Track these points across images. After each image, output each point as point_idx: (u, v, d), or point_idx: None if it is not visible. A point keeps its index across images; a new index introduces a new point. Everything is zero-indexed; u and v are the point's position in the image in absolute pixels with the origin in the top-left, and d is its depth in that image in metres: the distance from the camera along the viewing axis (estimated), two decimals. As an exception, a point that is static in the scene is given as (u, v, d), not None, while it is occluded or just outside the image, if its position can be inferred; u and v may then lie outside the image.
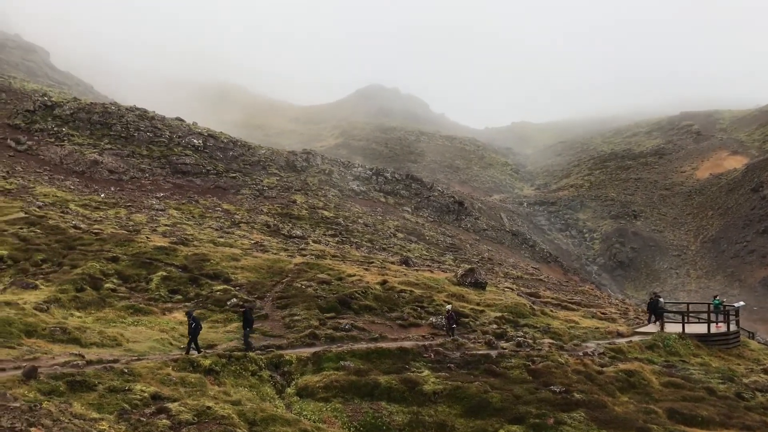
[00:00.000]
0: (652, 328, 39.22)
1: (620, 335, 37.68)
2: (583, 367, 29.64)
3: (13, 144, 70.71)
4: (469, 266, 50.90)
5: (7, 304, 27.59)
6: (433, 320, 35.48)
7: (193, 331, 26.11)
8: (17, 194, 54.16)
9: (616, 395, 27.47)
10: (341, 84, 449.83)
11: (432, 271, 49.66)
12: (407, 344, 30.49)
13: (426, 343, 31.04)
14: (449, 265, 61.55)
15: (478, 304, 39.96)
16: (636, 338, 36.70)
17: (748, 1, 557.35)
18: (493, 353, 30.23)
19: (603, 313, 47.34)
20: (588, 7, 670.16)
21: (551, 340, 34.16)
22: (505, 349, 31.34)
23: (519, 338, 33.39)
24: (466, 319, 36.60)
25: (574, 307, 49.61)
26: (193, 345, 26.29)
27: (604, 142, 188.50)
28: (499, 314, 38.28)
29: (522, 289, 54.60)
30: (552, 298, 52.40)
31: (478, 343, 32.29)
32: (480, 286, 44.70)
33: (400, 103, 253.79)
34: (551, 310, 44.26)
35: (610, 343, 34.91)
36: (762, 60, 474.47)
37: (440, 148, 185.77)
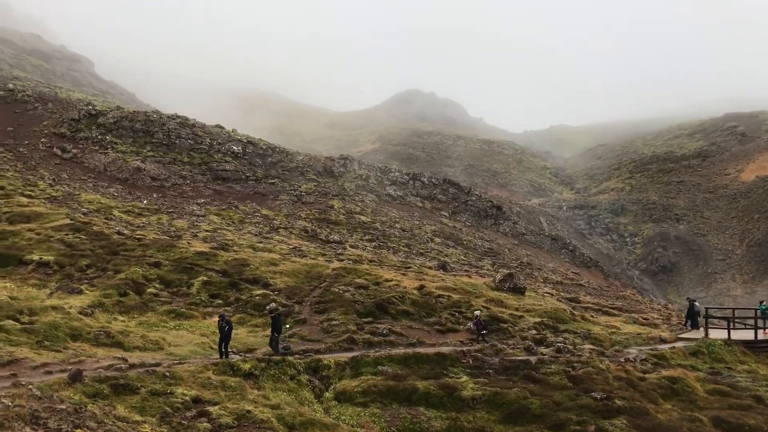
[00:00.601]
0: (696, 334, 38.38)
1: (663, 341, 36.94)
2: (624, 373, 29.15)
3: (59, 152, 72.63)
4: (508, 271, 50.47)
5: (54, 308, 28.28)
6: (471, 326, 35.26)
7: (225, 334, 26.20)
8: (63, 201, 55.57)
9: (659, 402, 26.93)
10: (378, 89, 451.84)
11: (470, 276, 49.39)
12: (445, 350, 30.38)
13: (464, 348, 30.88)
14: (487, 270, 61.14)
15: (516, 310, 39.60)
16: (679, 344, 35.95)
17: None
18: (533, 359, 29.92)
19: (645, 319, 46.47)
20: (626, 3, 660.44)
21: (592, 346, 33.67)
22: (545, 354, 30.99)
23: (559, 344, 32.97)
24: (505, 325, 36.30)
25: (615, 312, 48.80)
26: (223, 347, 26.35)
27: (645, 145, 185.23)
28: (538, 320, 37.87)
29: (562, 294, 53.94)
30: (592, 304, 51.64)
31: (517, 348, 32.00)
32: (519, 291, 44.29)
33: (437, 108, 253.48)
34: (592, 316, 43.63)
35: (652, 349, 34.27)
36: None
37: (478, 152, 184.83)
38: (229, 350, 26.35)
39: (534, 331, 35.71)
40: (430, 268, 51.66)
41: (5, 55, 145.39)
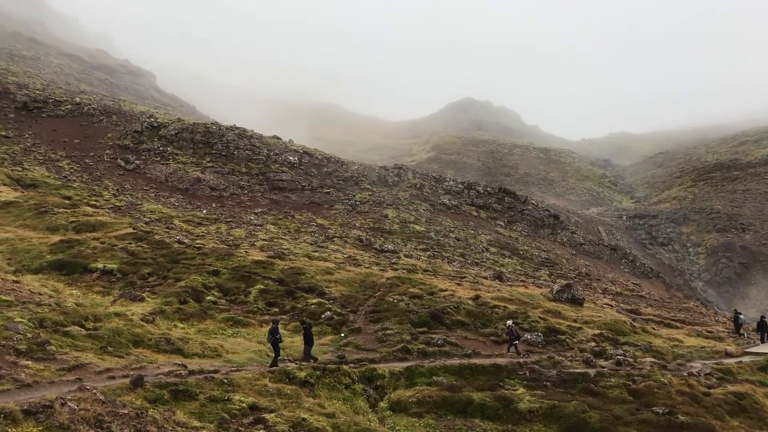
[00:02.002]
0: (765, 348, 36.86)
1: (729, 355, 35.61)
2: (688, 387, 28.18)
3: (122, 163, 75.01)
4: (566, 282, 49.56)
5: (117, 315, 29.08)
6: (528, 336, 34.74)
7: (275, 342, 26.36)
8: (126, 211, 57.31)
9: (725, 419, 25.92)
10: (433, 99, 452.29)
11: (526, 287, 48.71)
12: (501, 361, 29.97)
13: (521, 360, 30.41)
14: (544, 280, 60.19)
15: (575, 321, 38.82)
16: (747, 359, 34.57)
17: None
18: (592, 372, 29.23)
19: (709, 332, 44.91)
20: (686, 7, 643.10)
21: (653, 359, 32.69)
22: (604, 367, 30.24)
23: (619, 356, 32.13)
24: (563, 336, 35.62)
25: (677, 324, 47.34)
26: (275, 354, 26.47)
27: (709, 152, 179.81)
28: (597, 331, 37.03)
29: (621, 305, 52.65)
30: (654, 315, 50.22)
31: (576, 360, 31.33)
32: (577, 302, 43.43)
33: (492, 116, 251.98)
34: (653, 328, 42.42)
35: (717, 363, 33.05)
36: None
37: (534, 161, 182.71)
38: (276, 359, 26.48)
39: (593, 343, 34.92)
40: (485, 277, 51.17)
41: (73, 70, 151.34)
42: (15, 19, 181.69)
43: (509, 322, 33.06)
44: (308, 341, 27.99)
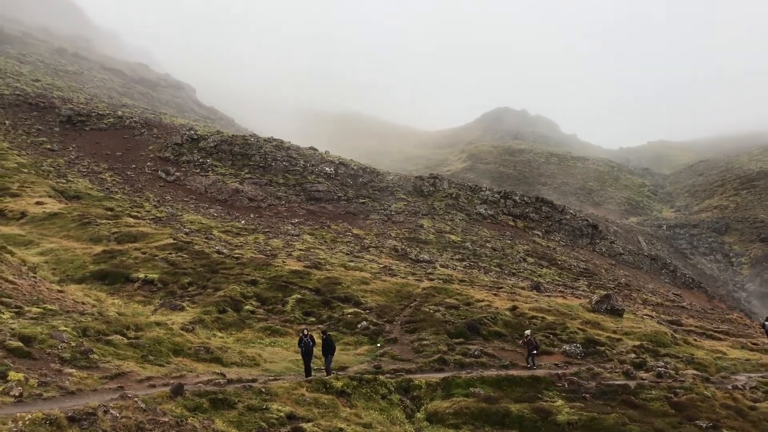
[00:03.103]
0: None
1: (775, 368, 34.64)
2: (732, 401, 27.51)
3: (163, 175, 76.43)
4: (605, 292, 48.86)
5: (158, 324, 29.60)
6: (567, 348, 34.33)
7: (307, 352, 26.27)
8: (167, 222, 58.33)
9: (772, 434, 25.23)
10: (469, 108, 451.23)
11: (564, 297, 48.14)
12: (539, 372, 29.67)
13: (559, 371, 30.06)
14: (583, 290, 59.41)
15: (614, 332, 38.23)
16: (794, 372, 33.60)
17: None
18: (632, 384, 28.74)
19: (754, 344, 43.73)
20: (733, 15, 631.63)
21: (695, 372, 32.00)
22: (645, 379, 29.71)
23: (660, 368, 31.52)
24: (602, 348, 35.12)
25: (720, 336, 46.23)
26: (312, 365, 26.39)
27: (752, 160, 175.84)
28: (637, 343, 36.40)
29: (662, 316, 51.64)
30: (696, 327, 49.13)
31: (615, 372, 30.84)
32: (616, 313, 42.77)
33: (529, 125, 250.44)
34: (695, 339, 41.52)
35: (763, 377, 32.19)
36: None
37: (571, 170, 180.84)
38: (309, 369, 26.44)
39: (633, 355, 34.35)
40: (522, 288, 50.73)
41: (115, 84, 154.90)
42: (60, 36, 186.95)
43: (527, 332, 32.68)
44: (329, 351, 27.45)
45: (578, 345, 34.76)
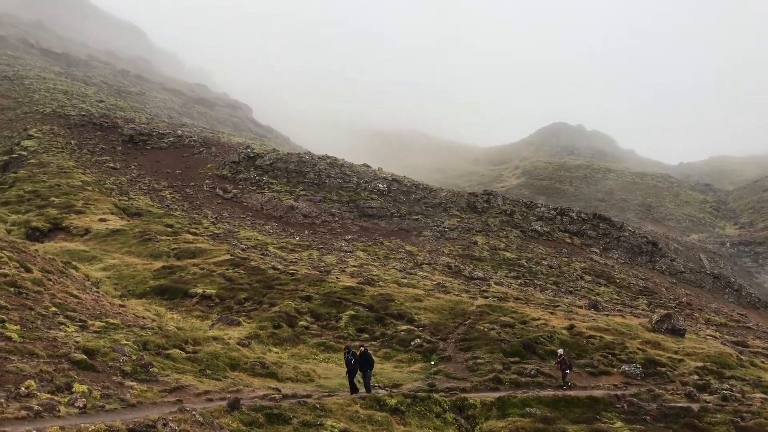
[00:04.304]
0: None
1: None
2: (804, 428, 26.23)
3: (221, 192, 78.11)
4: (665, 311, 47.43)
5: (215, 338, 30.09)
6: (626, 368, 33.40)
7: (352, 368, 26.03)
8: (224, 238, 59.46)
9: None
10: (523, 123, 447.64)
11: (623, 316, 46.95)
12: (597, 393, 28.93)
13: (618, 392, 29.25)
14: (642, 309, 57.85)
15: (675, 353, 37.04)
16: None
17: None
18: (695, 406, 27.74)
19: (827, 368, 41.71)
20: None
21: (764, 395, 30.65)
22: (709, 402, 28.62)
23: (724, 391, 30.34)
24: (663, 369, 34.03)
25: (790, 359, 44.22)
26: (353, 382, 26.07)
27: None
28: (700, 364, 35.14)
29: (726, 337, 49.77)
30: (763, 348, 47.12)
31: (677, 394, 29.82)
32: (678, 333, 41.46)
33: (585, 140, 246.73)
34: (762, 362, 39.82)
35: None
36: None
37: (630, 186, 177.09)
38: (353, 385, 26.20)
39: (695, 377, 33.17)
40: (580, 307, 49.72)
41: (175, 104, 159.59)
42: (123, 58, 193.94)
43: (560, 351, 31.92)
44: (368, 366, 26.74)
45: (638, 365, 33.79)
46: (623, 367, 33.64)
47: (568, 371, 30.77)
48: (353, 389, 26.14)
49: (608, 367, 33.80)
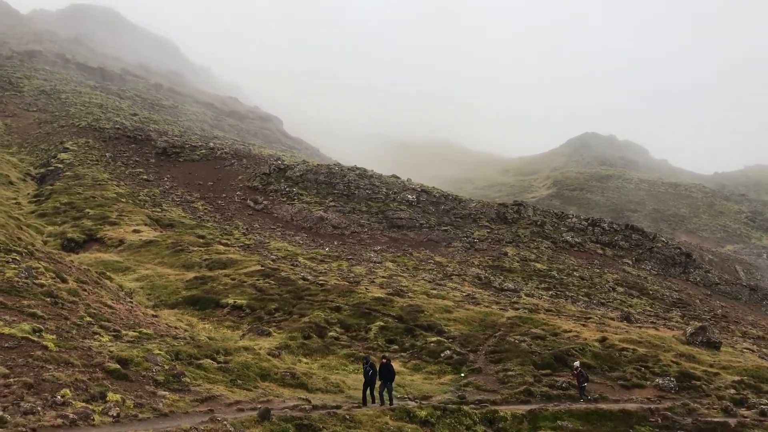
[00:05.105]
0: None
1: None
2: None
3: (251, 204, 78.88)
4: (700, 324, 46.60)
5: (246, 349, 30.30)
6: (660, 381, 32.86)
7: (370, 379, 25.65)
8: (255, 249, 59.97)
9: None
10: (553, 134, 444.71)
11: (657, 329, 46.21)
12: (630, 406, 28.51)
13: (652, 406, 28.78)
14: (676, 322, 56.86)
15: (711, 366, 36.33)
16: None
17: None
18: (732, 421, 27.17)
19: None
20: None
21: (804, 411, 29.90)
22: (746, 417, 28.01)
23: (763, 406, 29.64)
24: (698, 382, 33.40)
25: (831, 373, 43.04)
26: (372, 394, 25.73)
27: None
28: (737, 378, 34.41)
29: (764, 350, 48.63)
30: (803, 363, 45.98)
31: (713, 409, 29.24)
32: (713, 346, 40.67)
33: (616, 151, 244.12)
34: (802, 377, 38.83)
35: None
36: None
37: (663, 196, 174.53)
38: (374, 396, 25.87)
39: (732, 391, 32.48)
40: (612, 318, 49.08)
41: (207, 117, 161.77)
42: (157, 72, 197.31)
43: (576, 364, 31.45)
44: (389, 378, 26.17)
45: (672, 379, 33.24)
46: (657, 380, 33.11)
47: (585, 384, 30.40)
48: (365, 401, 25.69)
49: (641, 380, 33.30)
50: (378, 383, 25.94)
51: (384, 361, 26.51)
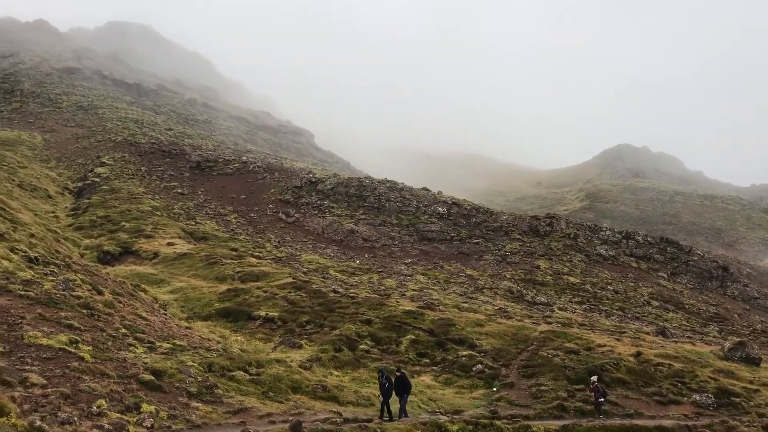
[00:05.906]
0: None
1: None
2: None
3: (283, 217, 79.49)
4: (739, 339, 45.55)
5: (278, 361, 30.46)
6: (697, 398, 32.18)
7: (386, 392, 25.43)
8: (286, 261, 60.36)
9: None
10: (586, 147, 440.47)
11: (693, 344, 45.30)
12: (667, 423, 27.97)
13: (689, 423, 28.21)
14: (713, 337, 55.66)
15: (750, 383, 35.45)
16: None
17: None
18: (773, 440, 26.47)
19: None
20: None
21: None
22: (788, 436, 27.28)
23: (805, 425, 28.86)
24: (737, 399, 32.63)
25: None
26: (388, 407, 25.42)
27: None
28: (778, 395, 33.53)
29: (806, 367, 47.34)
30: None
31: (753, 426, 28.55)
32: (753, 361, 39.70)
33: (650, 162, 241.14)
34: None
35: None
36: None
37: (698, 209, 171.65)
38: (390, 412, 25.49)
39: (773, 409, 31.66)
40: (647, 333, 48.25)
41: (240, 131, 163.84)
42: (191, 87, 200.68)
43: (593, 378, 30.83)
44: (405, 390, 26.02)
45: (710, 395, 32.52)
46: (694, 396, 32.44)
47: (602, 399, 29.76)
48: (382, 415, 25.41)
49: (678, 396, 32.65)
50: (394, 396, 25.60)
51: (398, 374, 26.36)
